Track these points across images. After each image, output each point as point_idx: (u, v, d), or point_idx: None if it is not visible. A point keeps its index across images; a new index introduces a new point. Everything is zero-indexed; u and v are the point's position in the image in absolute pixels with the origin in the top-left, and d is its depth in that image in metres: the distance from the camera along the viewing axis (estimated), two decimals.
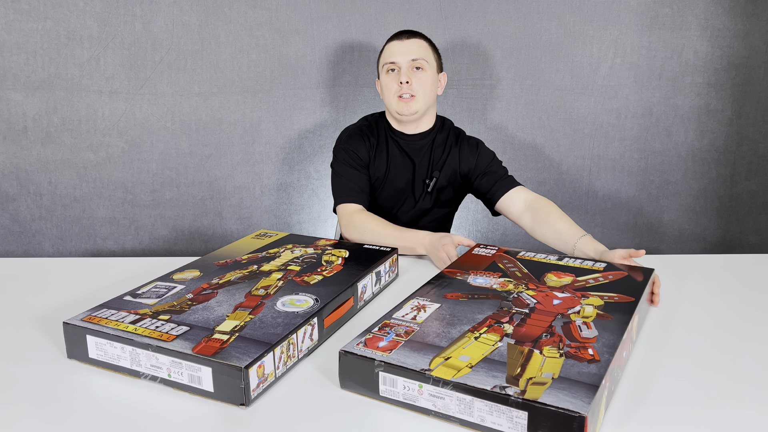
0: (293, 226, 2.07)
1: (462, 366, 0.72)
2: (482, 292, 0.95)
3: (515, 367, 0.72)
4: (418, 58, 1.40)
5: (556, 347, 0.77)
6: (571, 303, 0.91)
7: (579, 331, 0.82)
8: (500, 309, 0.89)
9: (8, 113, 1.94)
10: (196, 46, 1.92)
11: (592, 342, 0.78)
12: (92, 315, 0.86)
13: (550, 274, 1.03)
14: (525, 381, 0.69)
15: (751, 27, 1.93)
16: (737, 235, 2.10)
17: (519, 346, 0.77)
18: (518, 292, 0.95)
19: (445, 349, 0.76)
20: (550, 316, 0.87)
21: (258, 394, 0.75)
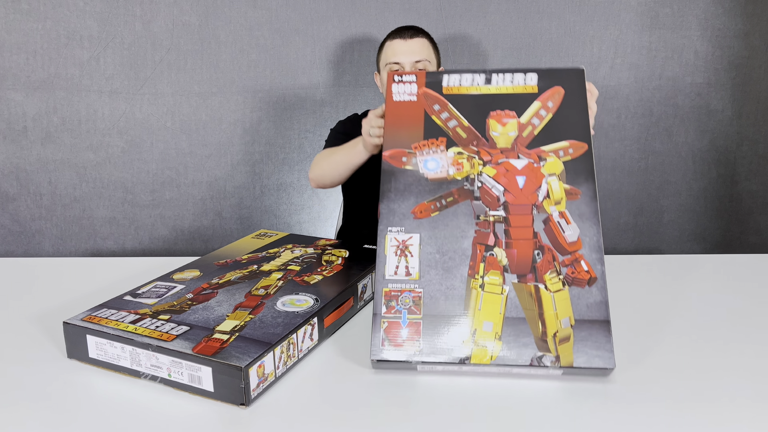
0: (293, 226, 2.07)
1: (491, 339, 0.78)
2: (446, 193, 0.87)
3: (536, 322, 0.79)
4: (421, 59, 1.41)
5: (555, 272, 0.82)
6: (535, 180, 0.87)
7: (562, 231, 0.84)
8: (477, 222, 0.85)
9: (8, 113, 1.94)
10: (196, 46, 1.92)
11: (578, 248, 0.83)
12: (92, 315, 0.86)
13: (491, 120, 0.90)
14: (552, 340, 0.78)
15: (751, 27, 1.93)
16: (737, 235, 2.10)
17: (524, 285, 0.81)
18: (479, 176, 0.87)
19: (469, 319, 0.80)
20: (526, 214, 0.85)
21: (258, 393, 0.75)
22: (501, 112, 0.90)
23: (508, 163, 0.88)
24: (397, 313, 0.80)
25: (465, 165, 0.88)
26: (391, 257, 0.83)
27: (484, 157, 0.88)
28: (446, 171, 0.88)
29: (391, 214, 0.86)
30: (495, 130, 0.90)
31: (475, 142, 0.89)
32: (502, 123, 0.90)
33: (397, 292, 0.81)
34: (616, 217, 2.09)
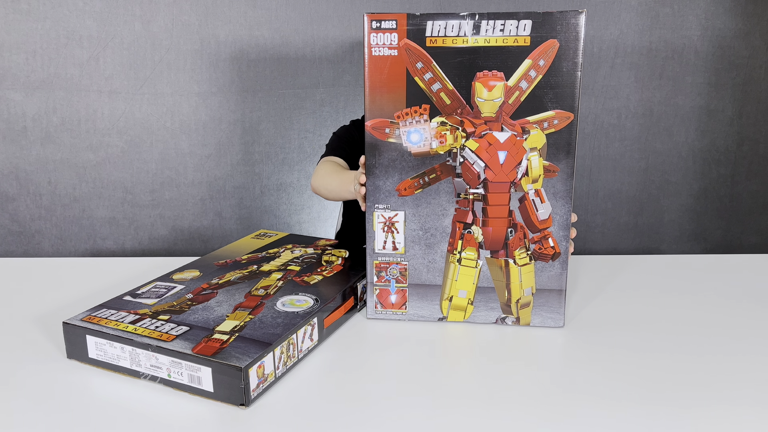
0: (293, 226, 2.07)
1: (465, 304, 0.94)
2: (430, 170, 0.88)
3: (503, 290, 0.93)
4: None
5: (524, 248, 0.91)
6: (516, 155, 0.87)
7: (536, 210, 0.89)
8: (458, 200, 0.89)
9: (8, 113, 1.94)
10: (196, 45, 1.92)
11: (548, 225, 0.90)
12: (92, 315, 0.85)
13: (478, 83, 0.85)
14: (515, 305, 0.93)
15: (751, 27, 1.93)
16: (737, 235, 2.10)
17: (496, 260, 0.92)
18: (461, 151, 0.87)
19: (443, 287, 0.93)
20: (504, 192, 0.88)
21: (258, 394, 0.75)
22: (488, 73, 0.85)
23: (491, 135, 0.86)
24: (386, 282, 0.94)
25: (448, 137, 0.86)
26: (379, 233, 0.92)
27: (467, 129, 0.86)
28: (429, 144, 0.87)
29: (376, 191, 0.91)
30: (480, 96, 0.85)
31: (459, 110, 0.86)
32: (489, 87, 0.85)
33: (386, 264, 0.93)
34: (616, 217, 2.09)
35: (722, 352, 0.87)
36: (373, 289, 0.96)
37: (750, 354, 0.87)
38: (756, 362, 0.84)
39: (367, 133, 0.88)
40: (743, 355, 0.86)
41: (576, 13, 0.82)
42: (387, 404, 0.74)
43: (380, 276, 0.94)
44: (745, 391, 0.77)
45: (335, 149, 1.45)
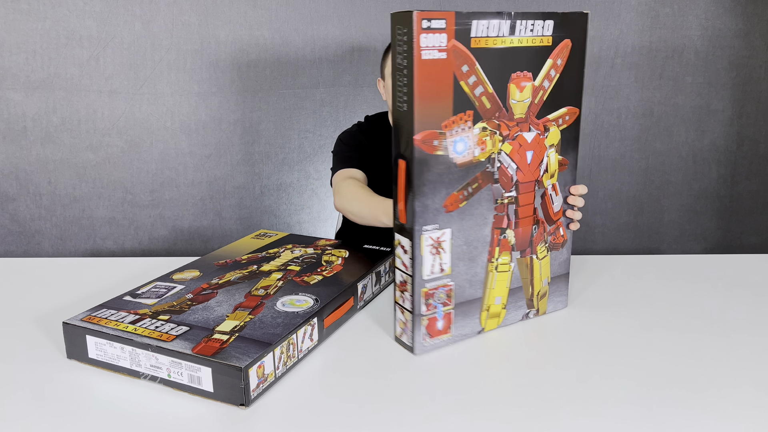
0: (293, 226, 2.07)
1: (500, 311, 0.92)
2: (472, 179, 0.84)
3: (528, 286, 0.95)
4: None
5: (544, 242, 0.94)
6: (540, 153, 0.90)
7: (552, 203, 0.93)
8: (495, 206, 0.87)
9: (8, 113, 1.94)
10: (196, 45, 1.92)
11: (560, 216, 0.95)
12: (92, 315, 0.85)
13: (512, 85, 0.84)
14: (536, 298, 0.96)
15: (751, 26, 1.93)
16: (737, 235, 2.10)
17: (524, 258, 0.93)
18: (498, 155, 0.85)
19: (482, 299, 0.90)
20: (531, 192, 0.90)
21: (258, 394, 0.75)
22: (521, 74, 0.84)
23: (521, 136, 0.88)
24: (433, 308, 0.85)
25: (488, 143, 0.84)
26: (427, 257, 0.83)
27: (503, 132, 0.85)
28: (472, 152, 0.83)
29: (425, 211, 0.81)
30: (514, 98, 0.85)
31: (497, 113, 0.84)
32: (521, 88, 0.85)
33: (433, 290, 0.84)
34: (616, 217, 2.09)
35: (722, 352, 0.87)
36: (420, 321, 0.84)
37: (750, 354, 0.87)
38: (756, 362, 0.84)
39: (417, 147, 0.78)
40: (743, 355, 0.86)
41: (585, 14, 0.88)
42: (388, 404, 0.74)
43: (428, 304, 0.85)
44: (745, 391, 0.77)
45: (348, 159, 1.42)
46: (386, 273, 1.15)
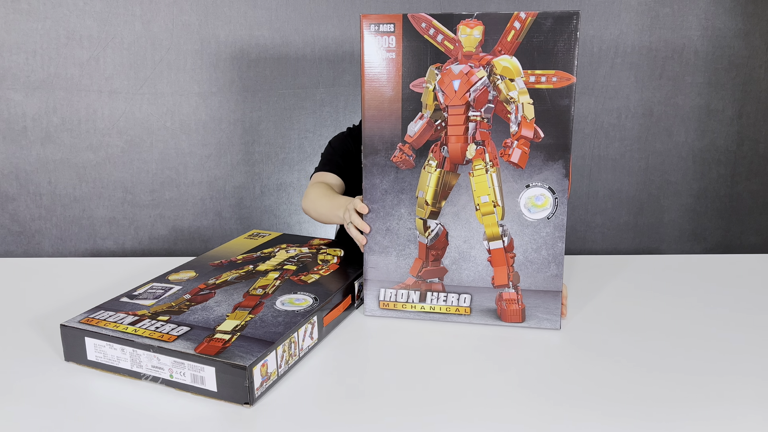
0: (293, 226, 2.07)
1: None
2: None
3: None
4: None
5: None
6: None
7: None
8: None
9: (8, 113, 1.94)
10: (196, 45, 1.92)
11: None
12: (90, 317, 0.85)
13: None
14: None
15: (751, 27, 1.93)
16: (737, 235, 2.10)
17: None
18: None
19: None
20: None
21: (261, 392, 0.75)
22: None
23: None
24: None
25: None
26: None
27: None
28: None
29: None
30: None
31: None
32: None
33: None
34: (616, 217, 2.09)
35: (722, 352, 0.87)
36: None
37: (750, 354, 0.87)
38: (756, 362, 0.84)
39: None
40: (743, 355, 0.86)
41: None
42: (389, 401, 0.74)
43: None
44: (745, 391, 0.77)
45: (328, 163, 1.42)
46: None
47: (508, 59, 0.91)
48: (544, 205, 0.93)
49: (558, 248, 0.94)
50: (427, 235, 0.98)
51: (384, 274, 1.00)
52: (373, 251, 1.00)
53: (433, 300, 0.99)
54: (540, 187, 0.93)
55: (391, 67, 0.93)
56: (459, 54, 0.92)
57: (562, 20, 0.88)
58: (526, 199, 0.93)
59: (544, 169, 0.92)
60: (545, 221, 0.93)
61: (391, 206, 0.98)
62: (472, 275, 0.97)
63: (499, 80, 0.91)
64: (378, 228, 1.00)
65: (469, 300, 0.98)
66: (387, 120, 0.96)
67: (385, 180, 0.97)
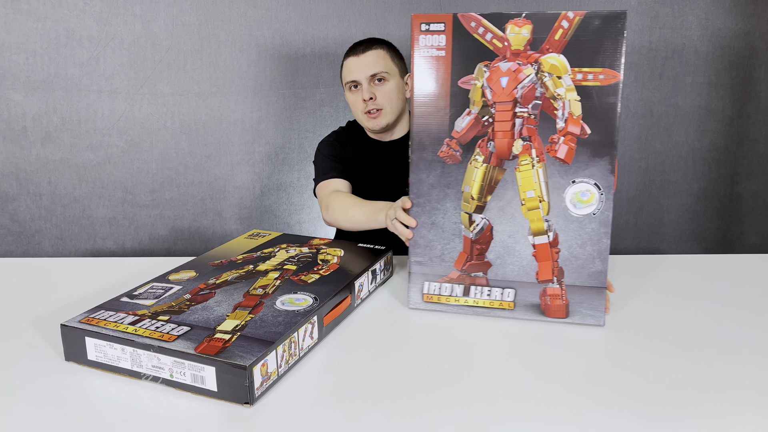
0: (293, 226, 2.07)
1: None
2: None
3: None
4: (377, 71, 1.38)
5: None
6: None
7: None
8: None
9: (8, 113, 1.94)
10: (196, 45, 1.92)
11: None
12: (90, 317, 0.85)
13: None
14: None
15: (751, 27, 1.93)
16: (737, 235, 2.10)
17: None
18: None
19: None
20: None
21: (262, 392, 0.75)
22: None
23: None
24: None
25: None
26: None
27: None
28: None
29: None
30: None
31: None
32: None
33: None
34: (616, 217, 2.09)
35: (722, 352, 0.87)
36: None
37: (750, 354, 0.87)
38: (756, 362, 0.84)
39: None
40: (743, 356, 0.86)
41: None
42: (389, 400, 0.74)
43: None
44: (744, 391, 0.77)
45: (329, 170, 1.43)
46: (382, 271, 1.15)
47: (555, 57, 0.93)
48: (589, 201, 0.94)
49: (603, 244, 0.94)
50: (473, 230, 0.99)
51: (428, 268, 1.02)
52: (418, 245, 1.02)
53: (477, 294, 1.01)
54: (586, 183, 0.94)
55: (440, 64, 0.96)
56: (507, 52, 0.94)
57: (609, 20, 0.89)
58: (571, 194, 0.94)
59: (590, 165, 0.93)
60: (590, 217, 0.94)
61: (437, 200, 1.00)
62: (517, 270, 0.98)
63: (547, 77, 0.93)
64: (423, 222, 1.01)
65: (513, 295, 0.99)
66: (435, 116, 0.97)
67: (431, 175, 0.99)
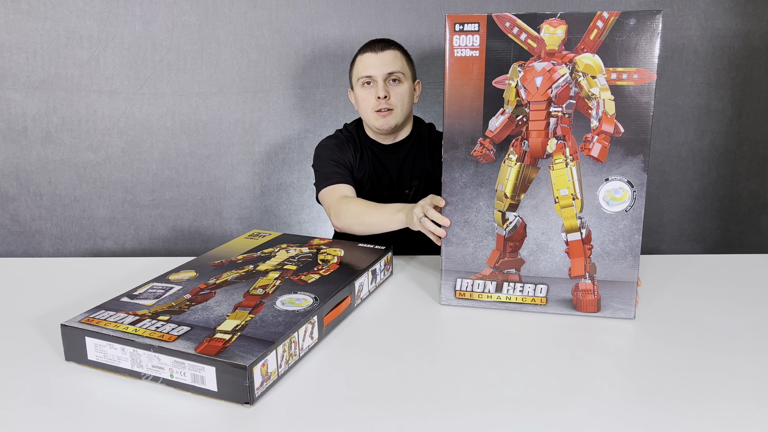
0: (293, 226, 2.07)
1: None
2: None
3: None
4: (394, 71, 1.38)
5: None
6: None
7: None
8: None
9: (8, 113, 1.94)
10: (196, 46, 1.92)
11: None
12: (90, 317, 0.85)
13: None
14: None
15: (751, 27, 1.93)
16: (737, 235, 2.10)
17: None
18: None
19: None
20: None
21: (262, 392, 0.75)
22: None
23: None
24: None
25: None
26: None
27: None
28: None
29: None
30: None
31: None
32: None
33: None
34: None
35: (722, 352, 0.87)
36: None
37: (750, 354, 0.87)
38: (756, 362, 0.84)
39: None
40: (743, 355, 0.86)
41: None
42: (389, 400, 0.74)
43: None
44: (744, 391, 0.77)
45: (332, 175, 1.43)
46: (382, 271, 1.15)
47: (590, 57, 0.94)
48: (622, 198, 0.96)
49: (635, 240, 0.96)
50: (506, 227, 1.01)
51: (461, 265, 1.04)
52: (450, 243, 1.04)
53: (509, 290, 1.02)
54: (619, 180, 0.95)
55: (474, 64, 0.97)
56: (542, 52, 0.95)
57: (644, 19, 0.90)
58: (605, 192, 0.96)
59: (624, 163, 0.95)
60: (623, 214, 0.96)
61: (470, 199, 1.01)
62: (549, 266, 1.00)
63: (581, 77, 0.94)
64: (456, 220, 1.03)
65: (545, 290, 1.00)
66: (468, 116, 0.99)
67: (464, 174, 1.01)
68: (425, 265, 1.27)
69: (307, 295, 0.93)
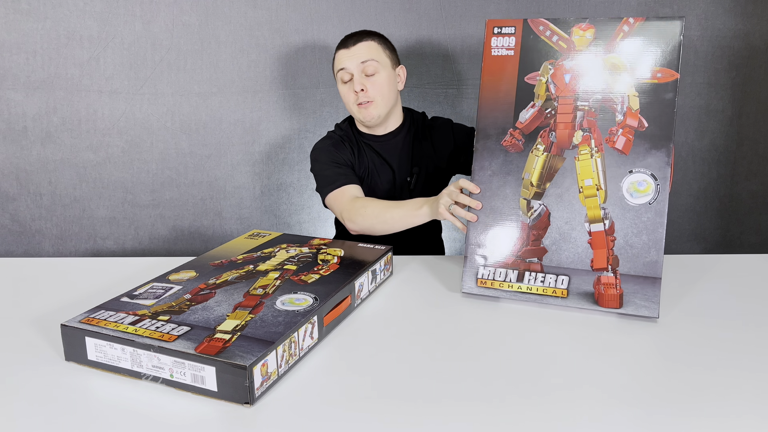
0: (293, 226, 2.07)
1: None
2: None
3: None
4: (367, 60, 1.39)
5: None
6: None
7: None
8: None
9: (8, 113, 1.94)
10: (196, 46, 1.92)
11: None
12: (90, 317, 0.85)
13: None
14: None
15: (751, 27, 1.93)
16: (737, 235, 2.10)
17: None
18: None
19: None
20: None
21: (262, 392, 0.75)
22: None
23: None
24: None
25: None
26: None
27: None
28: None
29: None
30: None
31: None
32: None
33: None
34: None
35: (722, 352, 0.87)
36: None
37: (749, 354, 0.87)
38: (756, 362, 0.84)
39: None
40: (742, 355, 0.86)
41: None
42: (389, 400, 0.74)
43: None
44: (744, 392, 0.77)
45: (340, 175, 1.42)
46: (382, 271, 1.15)
47: (616, 57, 1.00)
48: (646, 191, 0.97)
49: (659, 234, 0.97)
50: (530, 215, 1.03)
51: (484, 251, 1.06)
52: (475, 229, 1.07)
53: (530, 280, 1.03)
54: (643, 173, 0.97)
55: (508, 62, 1.06)
56: (571, 52, 1.03)
57: (667, 25, 0.98)
58: (629, 184, 0.98)
59: (648, 156, 0.98)
60: (647, 206, 0.97)
61: (497, 187, 1.06)
62: (572, 257, 1.01)
63: (608, 74, 1.00)
64: (482, 208, 1.07)
65: (566, 282, 1.01)
66: (501, 108, 1.06)
67: (494, 163, 1.06)
68: (425, 265, 1.27)
69: (307, 295, 0.93)
